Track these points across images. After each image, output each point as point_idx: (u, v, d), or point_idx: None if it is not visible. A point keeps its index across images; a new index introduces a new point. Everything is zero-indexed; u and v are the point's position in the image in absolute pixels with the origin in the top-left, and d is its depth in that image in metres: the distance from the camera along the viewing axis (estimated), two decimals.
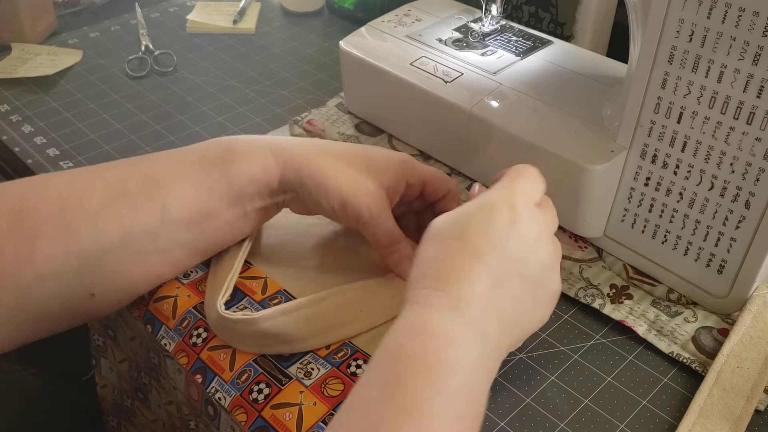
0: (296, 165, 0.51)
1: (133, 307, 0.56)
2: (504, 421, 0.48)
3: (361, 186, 0.51)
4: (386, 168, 0.52)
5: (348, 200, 0.50)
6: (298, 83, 0.84)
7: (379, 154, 0.53)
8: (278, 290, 0.55)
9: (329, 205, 0.51)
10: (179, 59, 0.89)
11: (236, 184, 0.50)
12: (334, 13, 1.00)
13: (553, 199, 0.58)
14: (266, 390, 0.49)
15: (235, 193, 0.50)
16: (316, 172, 0.51)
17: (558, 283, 0.46)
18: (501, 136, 0.59)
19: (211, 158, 0.50)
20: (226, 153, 0.51)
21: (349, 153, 0.52)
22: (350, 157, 0.52)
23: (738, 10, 0.44)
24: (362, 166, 0.52)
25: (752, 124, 0.47)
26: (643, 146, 0.53)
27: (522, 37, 0.69)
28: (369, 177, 0.51)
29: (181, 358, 0.51)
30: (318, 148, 0.53)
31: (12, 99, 0.81)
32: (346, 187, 0.50)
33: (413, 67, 0.66)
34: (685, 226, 0.54)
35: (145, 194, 0.48)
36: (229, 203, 0.50)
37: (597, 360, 0.52)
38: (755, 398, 0.48)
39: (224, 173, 0.50)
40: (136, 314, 0.55)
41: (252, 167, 0.50)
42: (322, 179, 0.50)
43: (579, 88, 0.62)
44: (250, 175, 0.50)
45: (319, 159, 0.51)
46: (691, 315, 0.54)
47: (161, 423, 0.66)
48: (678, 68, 0.49)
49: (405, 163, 0.53)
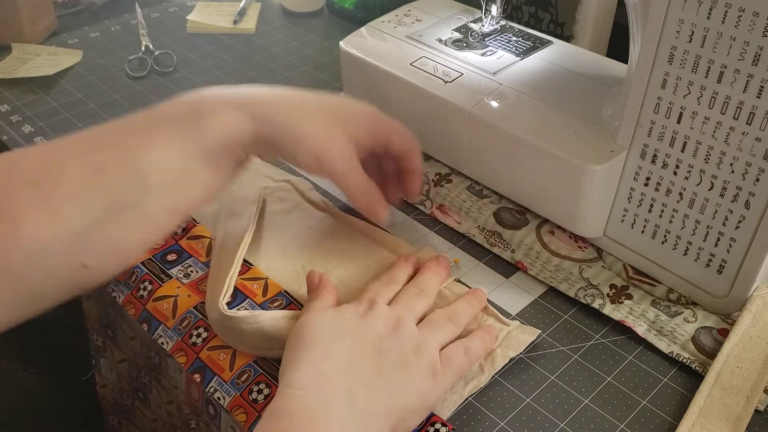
0: (271, 122, 0.52)
1: (129, 305, 0.56)
2: (504, 421, 0.48)
3: (334, 140, 0.53)
4: (357, 121, 0.54)
5: (322, 155, 0.52)
6: (298, 83, 0.84)
7: (351, 108, 0.56)
8: (279, 291, 0.55)
9: (304, 159, 0.53)
10: (179, 59, 0.89)
11: (210, 145, 0.50)
12: (334, 14, 1.00)
13: (554, 199, 0.59)
14: (266, 390, 0.49)
15: (209, 153, 0.50)
16: (291, 128, 0.52)
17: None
18: (501, 136, 0.59)
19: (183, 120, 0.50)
20: (197, 113, 0.50)
21: (324, 106, 0.54)
22: (324, 111, 0.54)
23: (738, 11, 0.44)
24: (335, 119, 0.53)
25: (752, 124, 0.47)
26: (643, 146, 0.53)
27: (522, 37, 0.69)
28: (341, 131, 0.53)
29: (180, 357, 0.52)
30: (293, 101, 0.53)
31: (12, 99, 0.81)
32: (321, 142, 0.52)
33: (413, 68, 0.66)
34: (685, 226, 0.54)
35: (122, 167, 0.48)
36: (205, 164, 0.50)
37: (597, 360, 0.52)
38: (755, 398, 0.48)
39: (198, 135, 0.50)
40: (132, 312, 0.55)
41: (225, 127, 0.50)
42: (297, 135, 0.52)
43: (579, 88, 0.62)
44: (224, 134, 0.50)
45: (293, 114, 0.52)
46: (691, 315, 0.54)
47: (161, 422, 0.66)
48: (678, 68, 0.49)
49: (373, 118, 0.56)
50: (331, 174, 0.53)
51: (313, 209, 0.64)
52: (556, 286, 0.57)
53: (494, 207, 0.63)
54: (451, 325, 0.50)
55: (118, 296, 0.56)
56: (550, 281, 0.57)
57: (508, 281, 0.58)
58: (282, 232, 0.61)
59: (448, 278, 0.56)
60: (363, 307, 0.48)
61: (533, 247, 0.60)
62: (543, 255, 0.59)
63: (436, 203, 0.65)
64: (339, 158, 0.53)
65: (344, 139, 0.53)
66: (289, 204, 0.64)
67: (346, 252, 0.59)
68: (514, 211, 0.63)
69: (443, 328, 0.49)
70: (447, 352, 0.48)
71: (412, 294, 0.51)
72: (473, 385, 0.49)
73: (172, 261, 0.58)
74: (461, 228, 0.63)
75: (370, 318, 0.47)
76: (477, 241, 0.61)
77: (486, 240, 0.61)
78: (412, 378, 0.45)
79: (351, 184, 0.54)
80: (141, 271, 0.57)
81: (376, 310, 0.48)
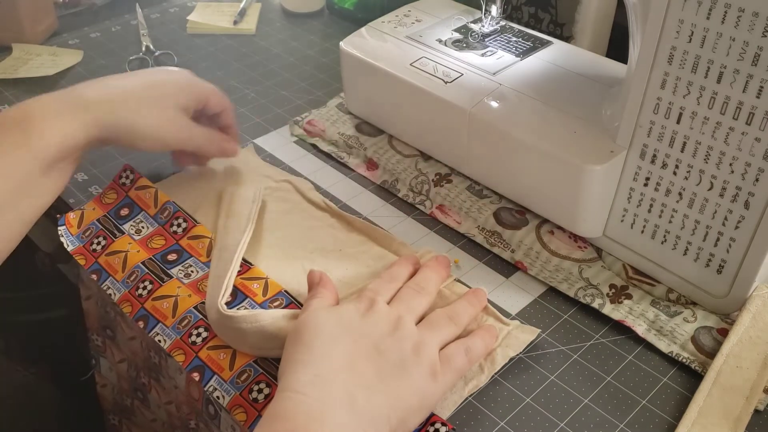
0: (104, 123, 0.56)
1: (125, 303, 0.56)
2: (504, 421, 0.48)
3: (166, 117, 0.59)
4: (178, 90, 0.60)
5: (161, 136, 0.59)
6: (299, 84, 0.84)
7: (170, 79, 0.61)
8: (279, 291, 0.55)
9: (146, 146, 0.59)
10: (180, 60, 0.89)
11: (46, 154, 0.53)
12: (334, 14, 1.00)
13: (553, 199, 0.59)
14: (266, 390, 0.49)
15: (47, 163, 0.53)
16: (125, 124, 0.57)
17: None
18: (501, 137, 0.59)
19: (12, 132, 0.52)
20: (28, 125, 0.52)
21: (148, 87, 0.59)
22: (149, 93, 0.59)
23: (738, 11, 0.44)
24: (160, 96, 0.59)
25: (751, 124, 0.47)
26: (643, 146, 0.53)
27: (522, 37, 0.69)
28: (168, 105, 0.59)
29: (178, 355, 0.51)
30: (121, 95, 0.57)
31: (13, 99, 0.81)
32: (156, 126, 0.58)
33: (413, 68, 0.66)
34: (685, 226, 0.54)
35: None
36: (43, 172, 0.53)
37: (597, 360, 0.52)
38: (755, 398, 0.48)
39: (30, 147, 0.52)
40: (128, 310, 0.55)
41: (59, 135, 0.53)
42: (132, 128, 0.57)
43: (579, 88, 0.62)
44: (59, 142, 0.53)
45: (124, 109, 0.57)
46: (691, 315, 0.54)
47: (161, 422, 0.66)
48: (677, 69, 0.49)
49: (191, 82, 0.62)
50: (176, 146, 0.61)
51: (313, 209, 0.64)
52: (555, 286, 0.57)
53: (494, 207, 0.63)
54: (452, 325, 0.50)
55: (113, 294, 0.56)
56: (549, 281, 0.57)
57: (507, 281, 0.58)
58: (282, 232, 0.61)
59: (448, 277, 0.56)
60: (363, 305, 0.48)
61: (533, 247, 0.60)
62: (543, 255, 0.59)
63: (436, 203, 0.65)
64: (177, 130, 0.59)
65: (173, 111, 0.59)
66: (289, 204, 0.64)
67: (346, 252, 0.59)
68: (513, 211, 0.63)
69: (443, 327, 0.49)
70: (447, 352, 0.48)
71: (413, 292, 0.51)
72: (473, 385, 0.49)
73: (173, 261, 0.58)
74: (461, 228, 0.63)
75: (371, 317, 0.47)
76: (477, 241, 0.61)
77: (486, 240, 0.61)
78: (412, 379, 0.45)
79: (196, 143, 0.61)
80: (141, 271, 0.57)
81: (377, 309, 0.48)
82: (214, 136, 0.63)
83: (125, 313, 0.55)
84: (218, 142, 0.63)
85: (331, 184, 0.68)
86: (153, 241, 0.60)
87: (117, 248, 0.59)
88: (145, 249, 0.59)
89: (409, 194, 0.66)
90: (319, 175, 0.69)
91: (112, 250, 0.59)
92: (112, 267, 0.58)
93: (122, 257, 0.58)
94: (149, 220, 0.61)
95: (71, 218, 0.61)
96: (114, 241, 0.60)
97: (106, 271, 0.58)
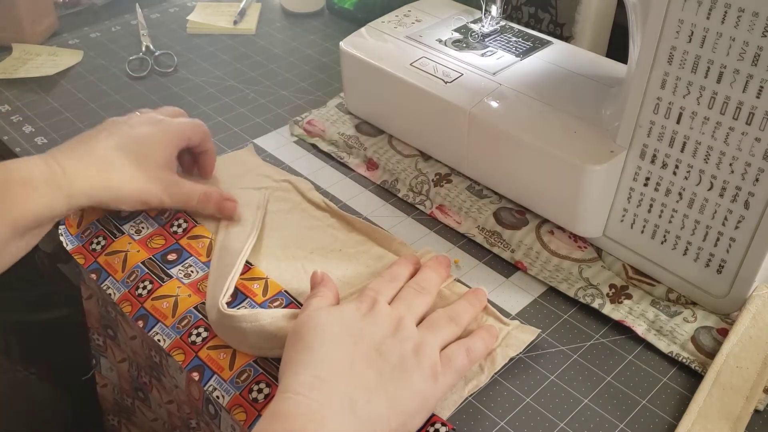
0: (86, 195, 0.55)
1: (125, 303, 0.56)
2: (504, 421, 0.48)
3: (148, 180, 0.58)
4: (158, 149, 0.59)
5: (146, 199, 0.58)
6: (299, 84, 0.84)
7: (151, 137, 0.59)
8: (279, 291, 0.55)
9: (131, 208, 0.59)
10: (180, 60, 0.89)
11: (21, 223, 0.53)
12: (334, 14, 1.00)
13: (553, 199, 0.59)
14: (266, 390, 0.49)
15: (20, 229, 0.53)
16: (107, 195, 0.57)
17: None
18: (501, 137, 0.59)
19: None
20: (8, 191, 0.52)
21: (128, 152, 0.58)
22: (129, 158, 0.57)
23: (738, 11, 0.44)
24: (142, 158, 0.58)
25: (751, 124, 0.47)
26: (643, 146, 0.53)
27: (522, 37, 0.69)
28: (149, 166, 0.58)
29: (177, 355, 0.51)
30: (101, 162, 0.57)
31: (13, 99, 0.81)
32: (139, 190, 0.57)
33: (413, 68, 0.66)
34: (685, 226, 0.54)
35: None
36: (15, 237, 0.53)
37: (596, 360, 0.52)
38: (754, 398, 0.48)
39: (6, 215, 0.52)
40: (128, 310, 0.55)
41: (38, 207, 0.53)
42: (115, 196, 0.57)
43: (579, 88, 0.62)
44: (36, 213, 0.53)
45: (103, 177, 0.56)
46: (691, 315, 0.54)
47: (161, 422, 0.66)
48: (677, 69, 0.49)
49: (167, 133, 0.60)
50: (163, 205, 0.60)
51: (313, 209, 0.64)
52: (555, 286, 0.57)
53: (494, 207, 0.63)
54: (452, 325, 0.50)
55: (113, 294, 0.56)
56: (549, 281, 0.57)
57: (507, 281, 0.58)
58: (282, 232, 0.61)
59: (448, 277, 0.56)
60: (365, 306, 0.48)
61: (533, 247, 0.60)
62: (543, 255, 0.59)
63: (436, 203, 0.65)
64: (158, 193, 0.58)
65: (156, 171, 0.58)
66: (289, 204, 0.64)
67: (346, 252, 0.59)
68: (513, 211, 0.63)
69: (444, 328, 0.49)
70: (448, 353, 0.48)
71: (414, 292, 0.51)
72: (473, 385, 0.49)
73: (173, 261, 0.58)
74: (461, 228, 0.63)
75: (372, 318, 0.47)
76: (477, 241, 0.61)
77: (486, 240, 0.61)
78: (413, 380, 0.45)
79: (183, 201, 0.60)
80: (141, 271, 0.57)
81: (378, 310, 0.48)
82: (210, 194, 0.61)
83: (125, 312, 0.55)
84: (212, 200, 0.61)
85: (331, 184, 0.68)
86: (153, 240, 0.60)
87: (117, 248, 0.59)
88: (145, 249, 0.59)
89: (409, 194, 0.66)
90: (319, 175, 0.69)
91: (111, 249, 0.59)
92: (112, 267, 0.58)
93: (122, 257, 0.58)
94: (149, 221, 0.61)
95: (71, 218, 0.61)
96: (114, 241, 0.60)
97: (105, 271, 0.58)
